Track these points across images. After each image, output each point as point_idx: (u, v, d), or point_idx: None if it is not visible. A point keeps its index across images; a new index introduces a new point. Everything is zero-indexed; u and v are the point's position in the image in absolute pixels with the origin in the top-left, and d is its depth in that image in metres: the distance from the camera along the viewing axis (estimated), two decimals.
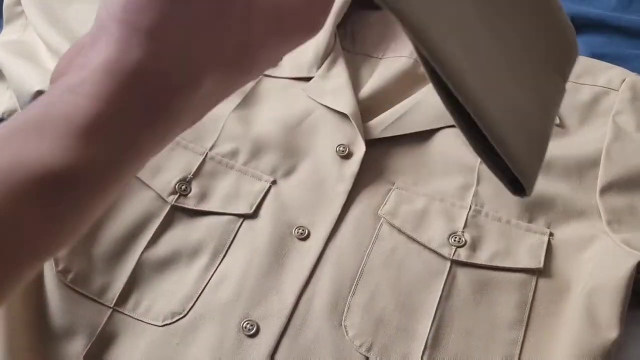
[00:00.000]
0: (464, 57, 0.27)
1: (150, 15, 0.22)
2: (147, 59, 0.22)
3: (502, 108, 0.29)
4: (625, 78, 0.56)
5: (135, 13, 0.22)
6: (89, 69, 0.22)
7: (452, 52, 0.26)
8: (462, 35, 0.27)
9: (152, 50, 0.22)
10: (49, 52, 0.58)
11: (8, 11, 0.65)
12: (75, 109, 0.22)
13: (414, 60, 0.59)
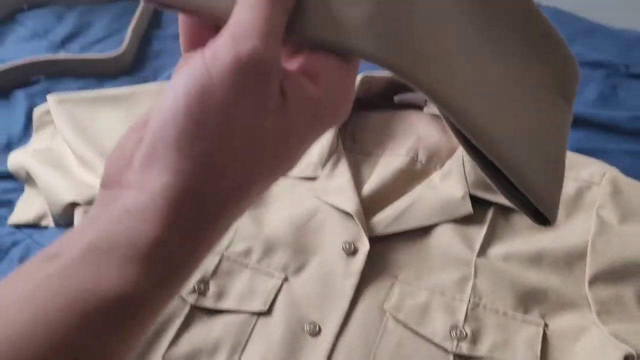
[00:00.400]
0: (476, 96, 0.29)
1: (202, 143, 0.24)
2: (200, 184, 0.24)
3: (516, 141, 0.30)
4: (605, 173, 0.61)
5: (189, 142, 0.24)
6: (148, 192, 0.24)
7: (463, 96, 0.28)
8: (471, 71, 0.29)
9: (204, 175, 0.24)
10: (77, 161, 0.63)
11: (38, 120, 0.71)
12: (138, 235, 0.24)
13: (410, 158, 0.64)
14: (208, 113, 0.24)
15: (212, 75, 0.24)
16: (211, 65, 0.24)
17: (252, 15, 0.25)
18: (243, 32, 0.24)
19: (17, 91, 0.78)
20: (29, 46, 0.86)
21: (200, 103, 0.24)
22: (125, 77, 0.80)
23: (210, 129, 0.24)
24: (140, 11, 0.87)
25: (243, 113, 0.24)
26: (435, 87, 0.27)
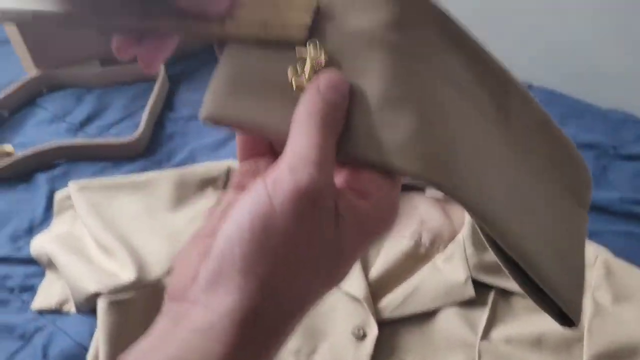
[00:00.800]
0: (508, 208, 0.31)
1: (266, 266, 0.26)
2: (263, 303, 0.26)
3: (545, 249, 0.32)
4: (599, 255, 0.64)
5: (254, 264, 0.26)
6: (215, 312, 0.26)
7: (497, 209, 0.30)
8: (504, 185, 0.32)
9: (267, 295, 0.26)
10: (97, 246, 0.67)
11: (59, 204, 0.75)
12: (209, 355, 0.26)
13: (414, 241, 0.67)
14: (271, 239, 0.26)
15: (273, 204, 0.26)
16: (273, 195, 0.26)
17: (307, 143, 0.27)
18: (300, 162, 0.26)
19: (38, 175, 0.82)
20: (49, 129, 0.91)
21: (264, 230, 0.26)
22: (140, 160, 0.84)
23: (273, 253, 0.26)
24: (155, 95, 0.92)
25: (303, 237, 0.26)
26: (472, 200, 0.29)
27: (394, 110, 0.29)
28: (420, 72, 0.30)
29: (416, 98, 0.29)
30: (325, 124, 0.28)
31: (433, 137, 0.29)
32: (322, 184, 0.26)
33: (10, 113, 0.95)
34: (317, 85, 0.28)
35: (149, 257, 0.64)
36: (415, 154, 0.28)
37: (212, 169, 0.73)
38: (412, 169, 0.28)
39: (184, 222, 0.69)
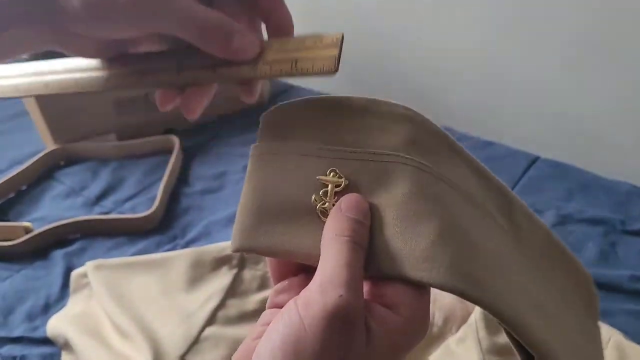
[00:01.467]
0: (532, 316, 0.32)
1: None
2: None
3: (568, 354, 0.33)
4: (611, 337, 0.64)
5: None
6: None
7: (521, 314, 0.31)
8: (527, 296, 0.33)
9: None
10: (114, 328, 0.67)
11: (75, 282, 0.76)
12: None
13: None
14: (302, 357, 0.26)
15: (304, 324, 0.27)
16: (304, 316, 0.27)
17: (335, 263, 0.28)
18: (329, 282, 0.27)
19: (54, 251, 0.83)
20: (65, 203, 0.93)
21: (295, 352, 0.26)
22: (155, 235, 0.86)
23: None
24: (170, 169, 0.94)
25: (333, 355, 0.27)
26: (499, 307, 0.30)
27: (414, 223, 0.30)
28: (437, 186, 0.32)
29: (435, 210, 0.31)
30: (352, 242, 0.29)
31: (454, 247, 0.30)
32: (352, 302, 0.27)
33: (27, 186, 0.98)
34: (339, 207, 0.30)
35: (164, 340, 0.65)
36: (439, 265, 0.29)
37: (227, 247, 0.75)
38: (439, 281, 0.29)
39: (199, 302, 0.70)
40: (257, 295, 0.71)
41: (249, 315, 0.69)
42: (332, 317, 0.26)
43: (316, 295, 0.27)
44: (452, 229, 0.31)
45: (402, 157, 0.32)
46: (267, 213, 0.31)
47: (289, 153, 0.32)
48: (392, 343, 0.28)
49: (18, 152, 1.07)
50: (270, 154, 0.32)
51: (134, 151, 1.03)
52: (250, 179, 0.32)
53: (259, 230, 0.31)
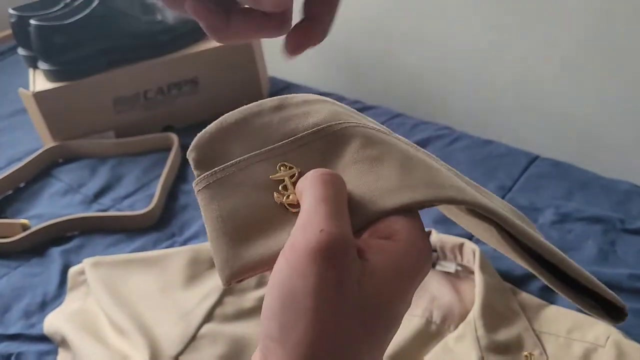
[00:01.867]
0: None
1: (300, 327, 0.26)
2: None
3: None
4: (610, 335, 0.64)
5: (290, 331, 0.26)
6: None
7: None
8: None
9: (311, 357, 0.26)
10: (111, 326, 0.67)
11: (72, 280, 0.76)
12: None
13: (425, 319, 0.68)
14: (298, 301, 0.26)
15: (292, 267, 0.26)
16: (290, 259, 0.26)
17: (312, 201, 0.28)
18: (308, 220, 0.27)
19: (52, 248, 0.83)
20: (63, 200, 0.93)
21: (289, 295, 0.26)
22: (152, 232, 0.85)
23: (304, 315, 0.26)
24: (168, 166, 0.94)
25: (330, 291, 0.26)
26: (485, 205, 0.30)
27: (376, 166, 0.31)
28: (377, 133, 0.33)
29: (387, 149, 0.32)
30: (324, 178, 0.29)
31: (419, 169, 0.31)
32: (334, 234, 0.26)
33: (26, 183, 0.97)
34: (304, 178, 0.30)
35: (161, 337, 0.65)
36: (413, 186, 0.30)
37: None
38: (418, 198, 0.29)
39: (197, 299, 0.69)
40: (254, 292, 0.71)
41: (247, 312, 0.69)
42: (316, 252, 0.26)
43: (298, 235, 0.27)
44: (409, 158, 0.32)
45: (335, 124, 0.32)
46: (240, 234, 0.31)
47: (233, 172, 0.32)
48: (396, 270, 0.27)
49: (16, 149, 1.07)
50: (216, 181, 0.32)
51: (132, 149, 1.03)
52: (208, 211, 0.32)
53: (240, 254, 0.30)
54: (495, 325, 0.65)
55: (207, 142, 0.33)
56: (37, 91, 0.97)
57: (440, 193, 0.30)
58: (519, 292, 0.71)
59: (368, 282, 0.27)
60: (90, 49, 0.99)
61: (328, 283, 0.26)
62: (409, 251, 0.28)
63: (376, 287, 0.27)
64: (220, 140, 0.33)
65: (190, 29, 1.06)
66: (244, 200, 0.31)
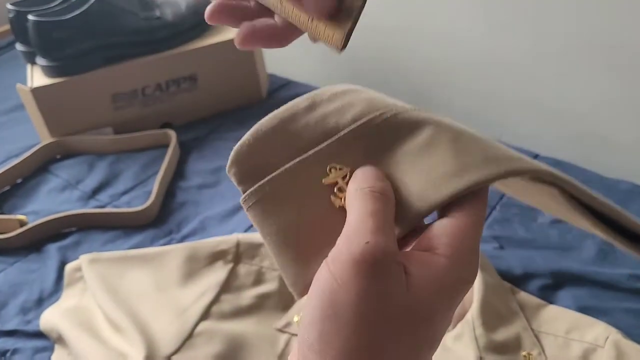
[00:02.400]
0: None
1: (340, 339, 0.26)
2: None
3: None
4: (609, 335, 0.64)
5: (329, 341, 0.26)
6: None
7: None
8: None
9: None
10: (107, 323, 0.67)
11: (69, 276, 0.75)
12: None
13: None
14: (341, 314, 0.26)
15: (335, 278, 0.26)
16: (334, 271, 0.26)
17: (360, 214, 0.27)
18: (354, 232, 0.27)
19: (49, 245, 0.83)
20: (61, 196, 0.92)
21: (331, 306, 0.26)
22: (150, 229, 0.85)
23: (346, 327, 0.25)
24: (166, 163, 0.93)
25: (372, 305, 0.26)
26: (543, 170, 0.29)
27: (427, 153, 0.29)
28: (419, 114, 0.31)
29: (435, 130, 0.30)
30: (374, 192, 0.28)
31: (472, 144, 0.29)
32: (379, 249, 0.26)
33: (23, 179, 0.97)
34: (354, 179, 0.30)
35: (158, 335, 0.65)
36: (469, 164, 0.28)
37: (222, 242, 0.74)
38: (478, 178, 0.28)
39: (194, 297, 0.69)
40: (252, 290, 0.71)
41: (244, 310, 0.69)
42: (360, 263, 0.26)
43: (342, 247, 0.27)
44: (459, 134, 0.30)
45: (375, 116, 0.31)
46: (305, 247, 0.30)
47: (282, 182, 0.31)
48: (438, 285, 0.27)
49: (14, 145, 1.07)
50: (266, 194, 0.31)
51: (130, 145, 1.02)
52: (264, 227, 0.31)
53: (311, 266, 0.29)
54: (493, 325, 0.65)
55: (246, 155, 0.32)
56: (34, 87, 0.97)
57: (501, 167, 0.28)
58: (518, 291, 0.71)
59: (411, 297, 0.26)
60: (88, 45, 0.98)
61: (370, 295, 0.26)
62: (452, 268, 0.27)
63: (419, 302, 0.26)
64: (260, 150, 0.32)
65: (189, 25, 1.05)
66: (301, 210, 0.30)
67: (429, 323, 0.27)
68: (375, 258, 0.26)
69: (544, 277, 0.72)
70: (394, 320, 0.26)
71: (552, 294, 0.71)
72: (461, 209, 0.28)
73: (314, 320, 0.26)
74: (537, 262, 0.74)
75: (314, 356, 0.26)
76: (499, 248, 0.77)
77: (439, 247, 0.27)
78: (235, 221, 0.84)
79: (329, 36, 0.29)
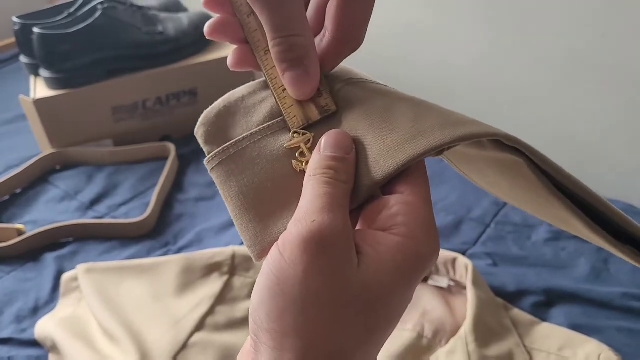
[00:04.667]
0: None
1: (289, 317, 0.25)
2: (300, 356, 0.25)
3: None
4: (601, 354, 0.64)
5: (279, 319, 0.26)
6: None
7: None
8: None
9: (302, 350, 0.25)
10: (102, 332, 0.67)
11: (65, 286, 0.76)
12: None
13: (417, 333, 0.68)
14: (288, 290, 0.26)
15: (284, 257, 0.26)
16: (282, 249, 0.26)
17: (310, 197, 0.27)
18: (303, 213, 0.27)
19: (46, 254, 0.83)
20: (59, 207, 0.93)
21: (279, 284, 0.26)
22: (147, 240, 0.85)
23: (294, 304, 0.25)
24: (165, 175, 0.94)
25: (321, 282, 0.25)
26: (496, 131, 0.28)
27: (385, 117, 0.29)
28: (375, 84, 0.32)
29: (393, 96, 0.31)
30: (327, 176, 0.28)
31: (430, 111, 0.29)
32: (326, 226, 0.26)
33: (22, 189, 0.98)
34: (318, 147, 0.30)
35: (152, 345, 0.65)
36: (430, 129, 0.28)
37: (218, 254, 0.75)
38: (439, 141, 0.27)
39: (189, 308, 0.69)
40: (246, 302, 0.71)
41: (238, 322, 0.69)
42: (307, 241, 0.26)
43: (291, 227, 0.27)
44: (418, 104, 0.30)
45: (338, 85, 0.31)
46: (265, 208, 0.30)
47: (246, 145, 0.31)
48: (394, 264, 0.26)
49: (14, 155, 1.07)
50: (230, 156, 0.31)
51: (129, 157, 1.03)
52: (226, 188, 0.31)
53: (269, 229, 0.30)
54: (486, 341, 0.65)
55: (215, 117, 0.33)
56: (37, 98, 0.98)
57: (458, 131, 0.27)
58: (511, 308, 0.71)
59: (363, 275, 0.26)
60: (91, 58, 0.99)
61: (316, 271, 0.25)
62: (408, 246, 0.27)
63: (372, 280, 0.26)
64: (230, 114, 0.32)
65: (191, 41, 1.07)
66: (262, 173, 0.31)
67: (384, 302, 0.26)
68: (322, 235, 0.26)
69: (537, 295, 0.73)
70: (343, 297, 0.26)
71: (545, 311, 0.72)
72: (408, 184, 0.28)
73: (263, 299, 0.26)
74: (530, 279, 0.75)
75: (265, 336, 0.26)
76: (492, 265, 0.78)
77: (394, 227, 0.27)
78: (231, 234, 0.85)
79: (290, 114, 0.31)
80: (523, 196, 0.33)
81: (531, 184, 0.30)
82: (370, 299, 0.26)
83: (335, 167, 0.28)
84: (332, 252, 0.26)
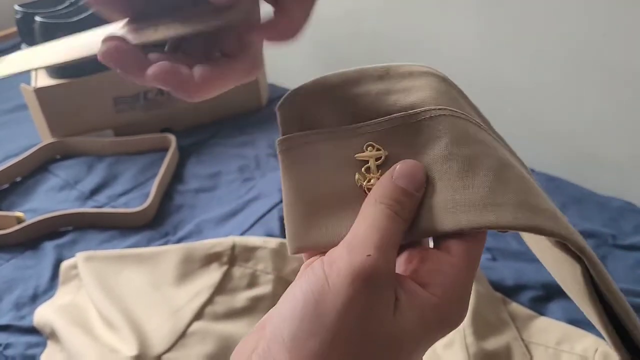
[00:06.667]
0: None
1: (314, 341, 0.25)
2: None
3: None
4: (598, 348, 0.64)
5: (302, 340, 0.25)
6: None
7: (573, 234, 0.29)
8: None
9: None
10: (101, 320, 0.67)
11: (65, 274, 0.76)
12: None
13: None
14: (323, 316, 0.25)
15: (328, 281, 0.26)
16: (329, 273, 0.26)
17: (369, 226, 0.27)
18: (359, 243, 0.26)
19: (45, 242, 0.83)
20: (59, 196, 0.93)
21: (316, 307, 0.25)
22: (146, 230, 0.85)
23: (324, 331, 0.25)
24: (165, 166, 0.94)
25: (356, 318, 0.25)
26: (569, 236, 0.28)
27: (466, 169, 0.28)
28: (474, 128, 0.30)
29: (483, 151, 0.29)
30: (390, 211, 0.28)
31: (513, 183, 0.28)
32: (379, 266, 0.26)
33: (22, 178, 0.98)
34: (391, 172, 0.29)
35: (151, 333, 0.65)
36: (503, 204, 0.27)
37: (218, 244, 0.75)
38: (505, 222, 0.27)
39: (188, 297, 0.69)
40: (245, 292, 0.71)
41: (237, 312, 0.69)
42: (357, 275, 0.25)
43: (343, 253, 0.26)
44: (505, 167, 0.29)
45: (434, 109, 0.30)
46: (315, 209, 0.30)
47: (318, 140, 0.30)
48: (423, 321, 0.26)
49: (15, 144, 1.07)
50: (299, 146, 0.30)
51: (130, 148, 1.03)
52: (287, 177, 0.30)
53: (312, 229, 0.29)
54: (484, 334, 0.65)
55: (301, 101, 0.31)
56: (38, 87, 0.98)
57: (530, 221, 0.27)
58: (509, 302, 0.71)
59: (396, 323, 0.26)
60: None
61: (358, 307, 0.25)
62: (439, 309, 0.27)
63: (402, 331, 0.26)
64: (315, 101, 0.31)
65: None
66: (324, 174, 0.30)
67: (407, 353, 0.26)
68: (373, 273, 0.26)
69: (536, 289, 0.73)
70: (373, 341, 0.26)
71: (543, 305, 0.72)
72: (460, 246, 0.28)
73: (294, 315, 0.26)
74: (528, 274, 0.75)
75: (280, 350, 0.26)
76: (491, 259, 0.78)
77: (432, 285, 0.27)
78: (231, 225, 0.85)
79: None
80: (564, 280, 0.33)
81: (577, 283, 0.30)
82: (396, 348, 0.26)
83: (402, 202, 0.28)
84: (376, 293, 0.26)
